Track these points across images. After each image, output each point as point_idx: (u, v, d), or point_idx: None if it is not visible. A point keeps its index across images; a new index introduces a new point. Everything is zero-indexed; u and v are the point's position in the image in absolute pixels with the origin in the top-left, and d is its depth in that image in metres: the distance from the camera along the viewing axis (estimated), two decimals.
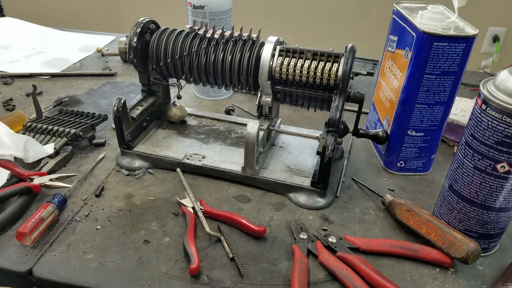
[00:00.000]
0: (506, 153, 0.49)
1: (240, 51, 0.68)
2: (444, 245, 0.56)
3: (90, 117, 0.83)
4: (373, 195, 0.69)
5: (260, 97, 0.69)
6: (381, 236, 0.62)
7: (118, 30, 1.48)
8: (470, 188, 0.54)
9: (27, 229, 0.56)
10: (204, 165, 0.71)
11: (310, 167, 0.72)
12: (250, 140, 0.65)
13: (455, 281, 0.55)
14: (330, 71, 0.63)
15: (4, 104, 0.92)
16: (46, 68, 1.11)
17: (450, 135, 0.84)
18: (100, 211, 0.64)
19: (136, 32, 0.70)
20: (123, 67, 1.14)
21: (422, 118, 0.68)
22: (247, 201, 0.67)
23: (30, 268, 0.55)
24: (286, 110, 0.93)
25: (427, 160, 0.74)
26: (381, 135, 0.72)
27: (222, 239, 0.59)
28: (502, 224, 0.56)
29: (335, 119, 0.62)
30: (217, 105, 0.97)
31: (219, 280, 0.54)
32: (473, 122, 0.52)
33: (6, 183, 0.66)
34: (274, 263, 0.57)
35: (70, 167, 0.74)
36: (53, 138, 0.76)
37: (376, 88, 0.82)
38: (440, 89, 0.65)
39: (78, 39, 1.31)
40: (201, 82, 0.75)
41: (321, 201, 0.67)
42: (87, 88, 1.02)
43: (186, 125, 0.84)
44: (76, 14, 2.70)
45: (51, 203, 0.61)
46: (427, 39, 0.61)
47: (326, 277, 0.55)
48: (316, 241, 0.59)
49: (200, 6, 0.86)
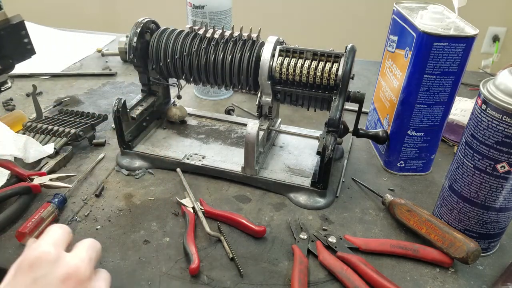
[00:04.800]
0: (506, 153, 0.49)
1: (240, 51, 0.68)
2: (444, 245, 0.56)
3: (90, 117, 0.83)
4: (373, 195, 0.69)
5: (260, 97, 0.69)
6: (381, 236, 0.62)
7: (118, 30, 1.48)
8: (470, 188, 0.54)
9: (27, 229, 0.56)
10: (204, 165, 0.71)
11: (310, 167, 0.72)
12: (250, 140, 0.65)
13: (455, 281, 0.55)
14: (330, 71, 0.63)
15: (4, 104, 0.92)
16: (46, 68, 1.10)
17: (450, 135, 0.84)
18: (100, 211, 0.64)
19: (136, 32, 0.70)
20: (123, 67, 1.14)
21: (422, 118, 0.68)
22: (247, 201, 0.67)
23: None
24: (286, 110, 0.93)
25: (427, 160, 0.74)
26: (381, 135, 0.72)
27: (222, 239, 0.59)
28: (502, 224, 0.56)
29: (335, 119, 0.62)
30: (217, 105, 0.97)
31: (219, 280, 0.54)
32: (473, 122, 0.52)
33: (6, 183, 0.66)
34: (274, 263, 0.57)
35: (70, 167, 0.74)
36: (53, 138, 0.76)
37: (376, 88, 0.82)
38: (440, 89, 0.65)
39: (78, 39, 1.31)
40: (201, 82, 0.75)
41: (321, 201, 0.67)
42: (87, 88, 1.02)
43: (186, 125, 0.84)
44: (76, 14, 2.69)
45: (51, 203, 0.61)
46: (427, 39, 0.61)
47: (326, 277, 0.55)
48: (316, 241, 0.59)
49: (200, 6, 0.86)
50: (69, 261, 0.36)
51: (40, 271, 0.34)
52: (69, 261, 0.36)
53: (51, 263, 0.35)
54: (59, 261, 0.36)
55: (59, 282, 0.34)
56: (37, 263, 0.35)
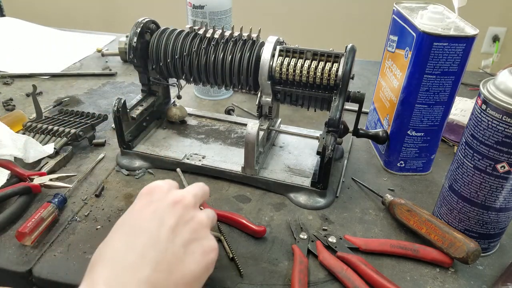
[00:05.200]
0: (506, 153, 0.49)
1: (240, 51, 0.68)
2: (444, 245, 0.56)
3: (90, 117, 0.83)
4: (373, 195, 0.69)
5: (260, 97, 0.69)
6: (381, 236, 0.62)
7: (118, 30, 1.48)
8: (470, 188, 0.54)
9: (27, 229, 0.56)
10: (204, 165, 0.71)
11: (310, 167, 0.72)
12: (250, 140, 0.65)
13: (455, 281, 0.55)
14: (330, 71, 0.63)
15: (4, 104, 0.92)
16: (46, 68, 1.11)
17: (450, 135, 0.84)
18: (100, 211, 0.64)
19: (136, 32, 0.70)
20: (123, 67, 1.14)
21: (422, 118, 0.68)
22: (247, 201, 0.67)
23: (30, 268, 0.55)
24: (286, 110, 0.93)
25: (427, 160, 0.74)
26: (381, 135, 0.72)
27: (222, 239, 0.59)
28: (502, 224, 0.56)
29: (335, 119, 0.62)
30: (217, 105, 0.97)
31: (219, 280, 0.54)
32: (473, 122, 0.52)
33: (6, 183, 0.66)
34: (274, 263, 0.57)
35: (70, 167, 0.74)
36: (53, 138, 0.76)
37: (376, 88, 0.82)
38: (440, 89, 0.65)
39: (78, 39, 1.31)
40: (201, 82, 0.75)
41: (321, 201, 0.67)
42: (87, 88, 1.02)
43: (186, 125, 0.84)
44: (76, 14, 2.70)
45: (51, 203, 0.61)
46: (427, 39, 0.61)
47: (326, 277, 0.55)
48: (316, 241, 0.59)
49: (200, 6, 0.86)
50: (178, 192, 0.48)
51: (156, 196, 0.46)
52: (178, 192, 0.48)
53: (164, 192, 0.47)
54: (171, 191, 0.48)
55: (170, 205, 0.45)
56: (154, 190, 0.47)
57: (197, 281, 0.44)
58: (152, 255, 0.40)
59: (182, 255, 0.42)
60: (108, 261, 0.40)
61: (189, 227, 0.45)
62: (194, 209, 0.47)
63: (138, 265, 0.39)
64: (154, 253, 0.40)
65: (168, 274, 0.41)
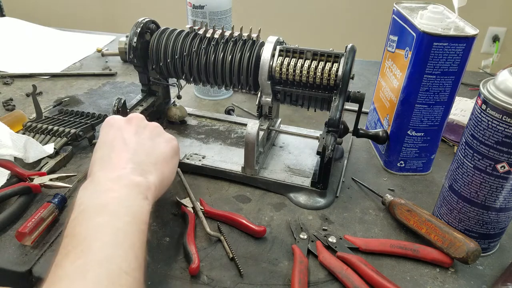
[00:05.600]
0: (506, 153, 0.49)
1: (240, 51, 0.68)
2: (444, 245, 0.56)
3: (90, 117, 0.83)
4: (373, 195, 0.69)
5: (260, 97, 0.69)
6: (381, 236, 0.62)
7: (118, 30, 1.48)
8: (470, 188, 0.54)
9: (27, 229, 0.56)
10: (204, 165, 0.71)
11: (310, 167, 0.72)
12: (250, 140, 0.65)
13: (455, 281, 0.55)
14: (330, 71, 0.63)
15: (4, 104, 0.92)
16: (46, 68, 1.11)
17: (450, 135, 0.84)
18: None
19: (136, 32, 0.70)
20: (123, 67, 1.14)
21: (422, 118, 0.68)
22: (247, 201, 0.67)
23: (30, 268, 0.55)
24: (286, 110, 0.93)
25: (427, 160, 0.74)
26: (381, 135, 0.72)
27: (222, 239, 0.59)
28: (502, 224, 0.56)
29: (335, 119, 0.62)
30: (217, 105, 0.97)
31: (219, 280, 0.54)
32: (473, 122, 0.52)
33: (6, 183, 0.66)
34: (274, 263, 0.57)
35: (70, 167, 0.74)
36: (53, 138, 0.76)
37: (376, 88, 0.82)
38: (440, 89, 0.65)
39: (78, 39, 1.31)
40: (201, 82, 0.75)
41: (321, 201, 0.67)
42: (87, 88, 1.02)
43: (186, 125, 0.84)
44: (76, 14, 2.70)
45: (51, 203, 0.61)
46: (427, 39, 0.61)
47: (326, 277, 0.55)
48: (316, 241, 0.59)
49: (200, 6, 0.86)
50: (128, 115, 0.60)
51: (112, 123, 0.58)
52: (129, 115, 0.60)
53: (118, 119, 0.59)
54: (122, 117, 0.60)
55: (125, 122, 0.58)
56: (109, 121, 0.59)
57: (170, 160, 0.58)
58: (129, 147, 0.54)
59: (151, 144, 0.56)
60: (98, 162, 0.53)
61: (147, 130, 0.58)
62: (145, 120, 0.60)
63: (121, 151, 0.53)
64: (131, 146, 0.54)
65: (146, 156, 0.54)
